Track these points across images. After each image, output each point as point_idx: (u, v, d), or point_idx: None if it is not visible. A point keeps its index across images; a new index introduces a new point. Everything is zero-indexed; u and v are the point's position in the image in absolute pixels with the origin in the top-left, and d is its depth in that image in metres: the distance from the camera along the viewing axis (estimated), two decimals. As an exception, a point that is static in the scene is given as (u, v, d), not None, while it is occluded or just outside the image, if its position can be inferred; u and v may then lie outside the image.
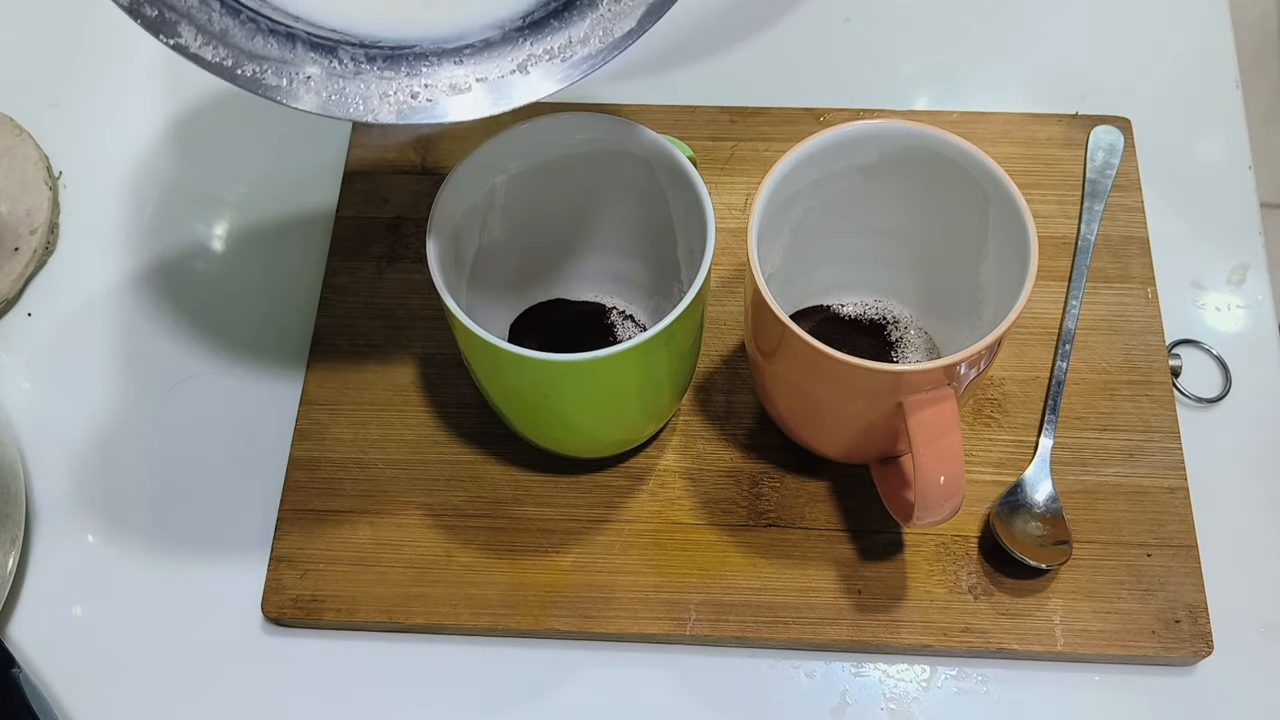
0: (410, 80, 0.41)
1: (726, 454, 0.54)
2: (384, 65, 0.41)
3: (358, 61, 0.41)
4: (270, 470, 0.55)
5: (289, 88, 0.40)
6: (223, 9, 0.39)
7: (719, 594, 0.51)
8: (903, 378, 0.44)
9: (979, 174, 0.47)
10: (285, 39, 0.40)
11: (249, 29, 0.39)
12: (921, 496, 0.44)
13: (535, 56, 0.42)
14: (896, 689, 0.50)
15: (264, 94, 0.40)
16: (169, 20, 0.38)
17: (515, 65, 0.42)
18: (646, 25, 0.42)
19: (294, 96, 0.40)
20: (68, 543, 0.55)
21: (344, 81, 0.41)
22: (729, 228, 0.59)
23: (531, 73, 0.42)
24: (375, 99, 0.41)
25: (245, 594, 0.53)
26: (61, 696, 0.51)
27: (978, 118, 0.62)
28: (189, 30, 0.39)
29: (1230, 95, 0.65)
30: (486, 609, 0.51)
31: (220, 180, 0.64)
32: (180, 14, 0.38)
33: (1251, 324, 0.58)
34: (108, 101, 0.67)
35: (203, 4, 0.39)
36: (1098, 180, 0.60)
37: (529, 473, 0.54)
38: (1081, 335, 0.56)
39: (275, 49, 0.40)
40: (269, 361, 0.58)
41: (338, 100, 0.41)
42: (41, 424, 0.57)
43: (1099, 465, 0.54)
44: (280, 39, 0.40)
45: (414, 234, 0.60)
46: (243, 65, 0.39)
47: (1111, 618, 0.50)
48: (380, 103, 0.41)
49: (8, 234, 0.61)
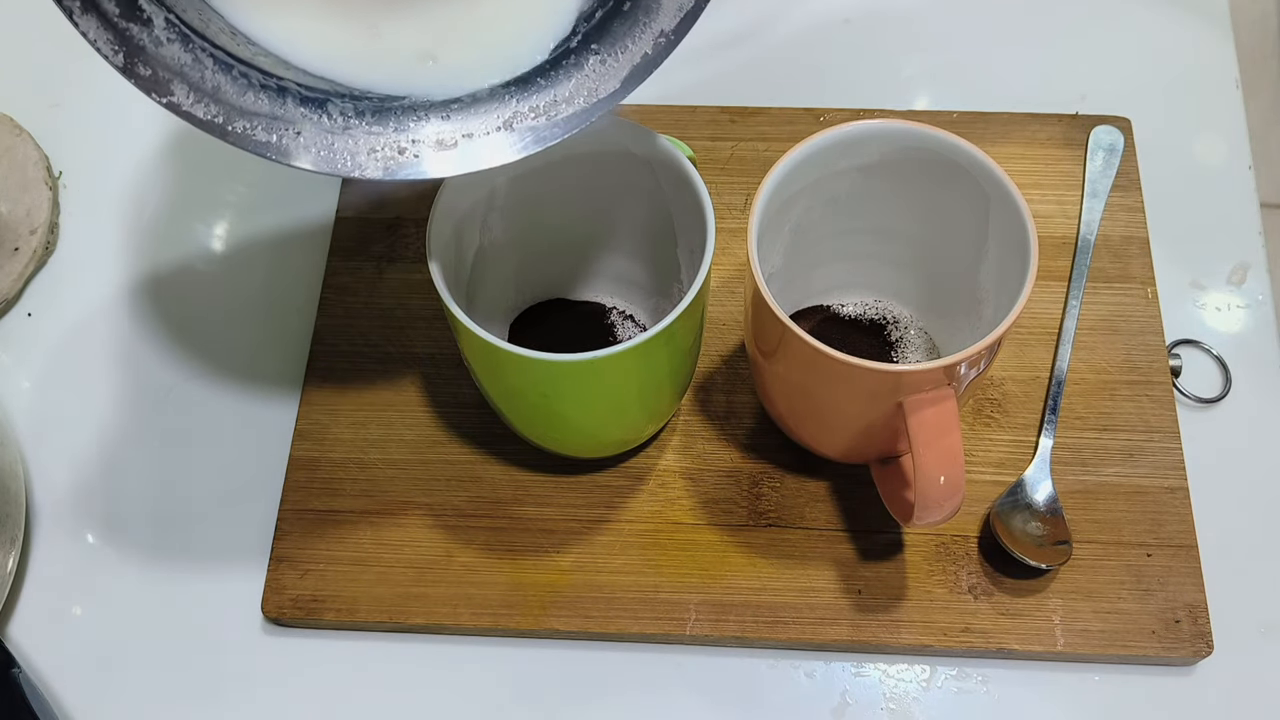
0: (398, 135, 0.42)
1: (726, 454, 0.54)
2: (372, 120, 0.41)
3: (346, 116, 0.41)
4: (270, 470, 0.55)
5: (279, 144, 0.40)
6: (215, 66, 0.39)
7: (719, 594, 0.51)
8: (903, 378, 0.44)
9: (979, 174, 0.47)
10: (276, 94, 0.40)
11: (240, 85, 0.40)
12: (921, 496, 0.44)
13: (520, 114, 0.42)
14: (896, 689, 0.50)
15: (255, 150, 0.40)
16: (162, 80, 0.39)
17: (501, 122, 0.42)
18: (630, 87, 0.42)
19: (285, 153, 0.40)
20: (68, 543, 0.55)
21: (333, 137, 0.41)
22: (729, 228, 0.59)
23: (516, 129, 0.42)
24: (363, 155, 0.41)
25: (245, 594, 0.53)
26: (61, 696, 0.51)
27: (978, 118, 0.62)
28: (182, 89, 0.39)
29: (1230, 95, 0.65)
30: (486, 609, 0.51)
31: (220, 180, 0.64)
32: (173, 72, 0.39)
33: (1251, 324, 0.58)
34: (108, 101, 0.67)
35: (195, 62, 0.39)
36: (1098, 180, 0.60)
37: (529, 473, 0.54)
38: (1081, 335, 0.56)
39: (266, 104, 0.40)
40: (269, 362, 0.58)
41: (326, 157, 0.41)
42: (41, 424, 0.57)
43: (1099, 465, 0.54)
44: (271, 94, 0.40)
45: (414, 234, 0.60)
46: (234, 122, 0.40)
47: (1111, 618, 0.50)
48: (368, 158, 0.41)
49: (8, 234, 0.61)
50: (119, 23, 0.38)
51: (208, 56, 0.39)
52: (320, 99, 0.41)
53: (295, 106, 0.40)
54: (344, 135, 0.41)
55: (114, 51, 0.38)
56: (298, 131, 0.40)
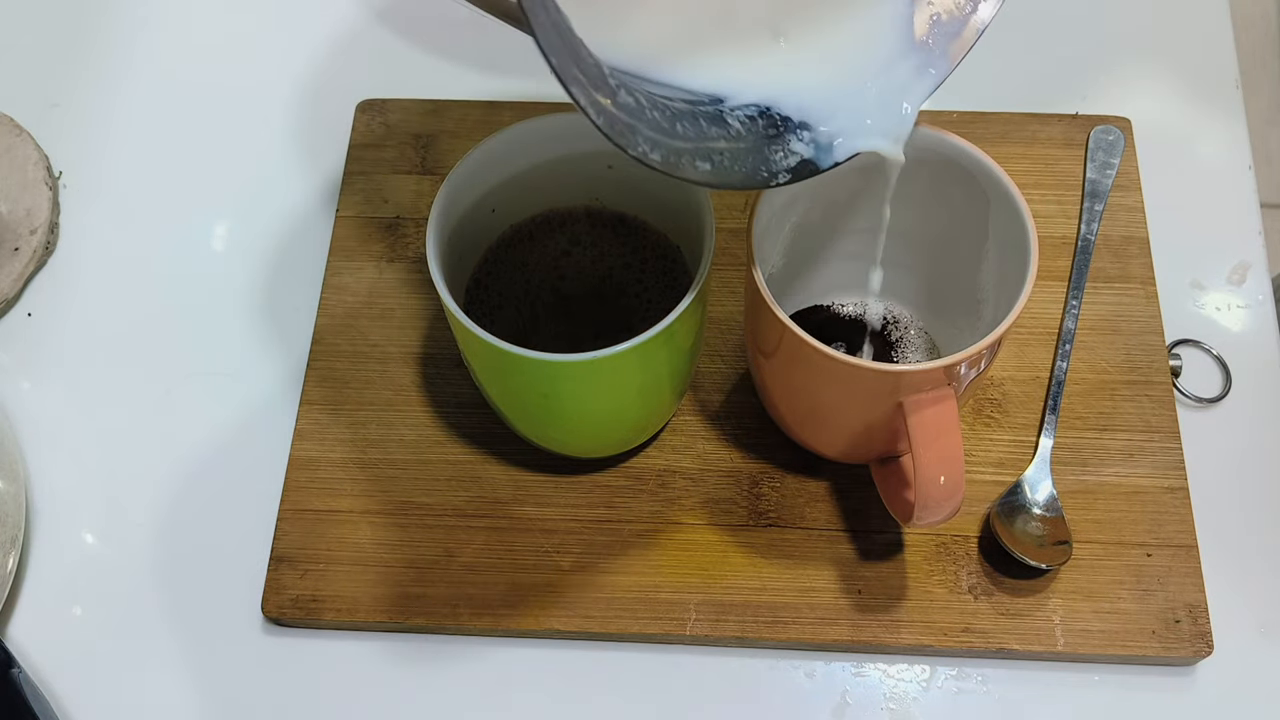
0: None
1: (726, 454, 0.54)
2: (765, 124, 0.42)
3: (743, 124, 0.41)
4: (270, 470, 0.55)
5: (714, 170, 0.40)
6: (654, 110, 0.38)
7: (719, 594, 0.51)
8: (903, 378, 0.44)
9: (979, 174, 0.47)
10: (692, 119, 0.40)
11: (670, 118, 0.39)
12: (921, 496, 0.44)
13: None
14: (896, 689, 0.50)
15: (692, 179, 0.39)
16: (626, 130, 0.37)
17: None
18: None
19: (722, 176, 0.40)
20: (68, 543, 0.55)
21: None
22: (729, 228, 0.59)
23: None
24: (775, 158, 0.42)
25: (245, 594, 0.53)
26: (61, 696, 0.51)
27: (978, 118, 0.62)
28: (645, 139, 0.38)
29: (1230, 95, 0.65)
30: (486, 609, 0.51)
31: (220, 180, 0.64)
32: (633, 120, 0.38)
33: (1251, 324, 0.58)
34: (108, 101, 0.67)
35: (640, 110, 0.38)
36: (1098, 180, 0.60)
37: (529, 473, 0.54)
38: (1081, 335, 0.56)
39: (691, 132, 0.40)
40: (269, 361, 0.58)
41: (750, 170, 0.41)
42: (41, 424, 0.57)
43: (1099, 465, 0.54)
44: (689, 120, 0.40)
45: (414, 234, 0.60)
46: (680, 159, 0.39)
47: (1111, 618, 0.50)
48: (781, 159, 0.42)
49: (8, 234, 0.61)
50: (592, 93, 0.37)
51: (651, 109, 0.38)
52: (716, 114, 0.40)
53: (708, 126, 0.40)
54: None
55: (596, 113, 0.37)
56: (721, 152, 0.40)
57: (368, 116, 0.64)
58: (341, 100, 0.65)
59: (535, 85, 0.66)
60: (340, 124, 0.64)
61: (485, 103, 0.64)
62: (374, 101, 0.64)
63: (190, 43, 0.69)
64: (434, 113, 0.64)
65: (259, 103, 0.66)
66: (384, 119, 0.64)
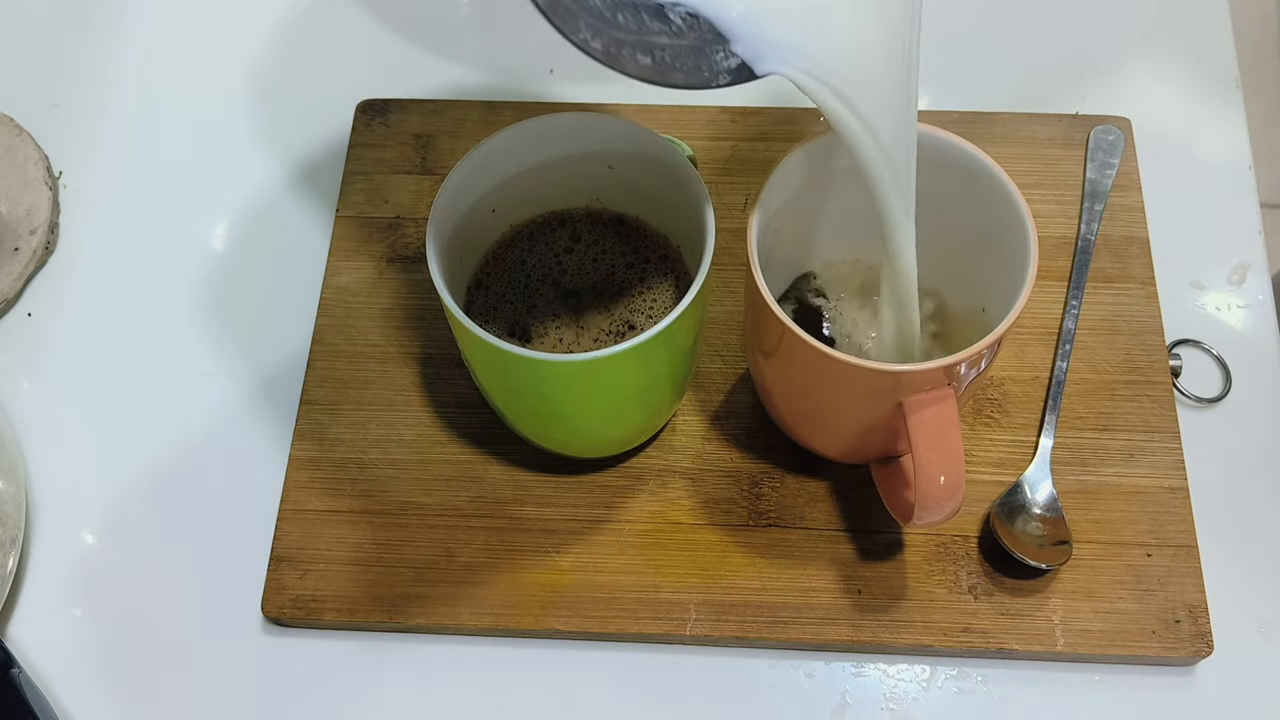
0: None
1: (726, 454, 0.54)
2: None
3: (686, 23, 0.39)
4: (270, 470, 0.55)
5: (655, 66, 0.39)
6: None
7: (719, 594, 0.51)
8: (903, 378, 0.44)
9: (979, 174, 0.47)
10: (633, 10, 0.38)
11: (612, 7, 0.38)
12: (921, 496, 0.44)
13: None
14: (896, 689, 0.50)
15: (635, 74, 0.38)
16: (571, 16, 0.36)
17: None
18: None
19: (662, 74, 0.39)
20: (68, 543, 0.55)
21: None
22: (729, 228, 0.59)
23: None
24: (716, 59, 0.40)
25: (245, 594, 0.53)
26: (61, 696, 0.51)
27: (978, 118, 0.62)
28: (587, 25, 0.36)
29: (1230, 95, 0.65)
30: (486, 609, 0.51)
31: (220, 180, 0.64)
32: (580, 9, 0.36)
33: (1251, 324, 0.58)
34: (108, 101, 0.67)
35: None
36: (1098, 180, 0.60)
37: (529, 473, 0.54)
38: (1081, 335, 0.56)
39: (632, 23, 0.38)
40: (269, 361, 0.58)
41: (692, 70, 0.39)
42: (41, 424, 0.57)
43: (1099, 465, 0.54)
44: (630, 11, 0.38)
45: (414, 234, 0.60)
46: (619, 50, 0.38)
47: (1111, 618, 0.50)
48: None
49: (8, 234, 0.61)
50: None
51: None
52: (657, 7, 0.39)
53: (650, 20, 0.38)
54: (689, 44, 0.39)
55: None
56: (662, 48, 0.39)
57: (368, 116, 0.64)
58: (341, 100, 0.65)
59: (535, 85, 0.66)
60: (340, 124, 0.64)
61: (485, 103, 0.64)
62: (374, 101, 0.64)
63: (190, 43, 0.69)
64: (434, 113, 0.64)
65: (259, 102, 0.66)
66: (384, 119, 0.64)
